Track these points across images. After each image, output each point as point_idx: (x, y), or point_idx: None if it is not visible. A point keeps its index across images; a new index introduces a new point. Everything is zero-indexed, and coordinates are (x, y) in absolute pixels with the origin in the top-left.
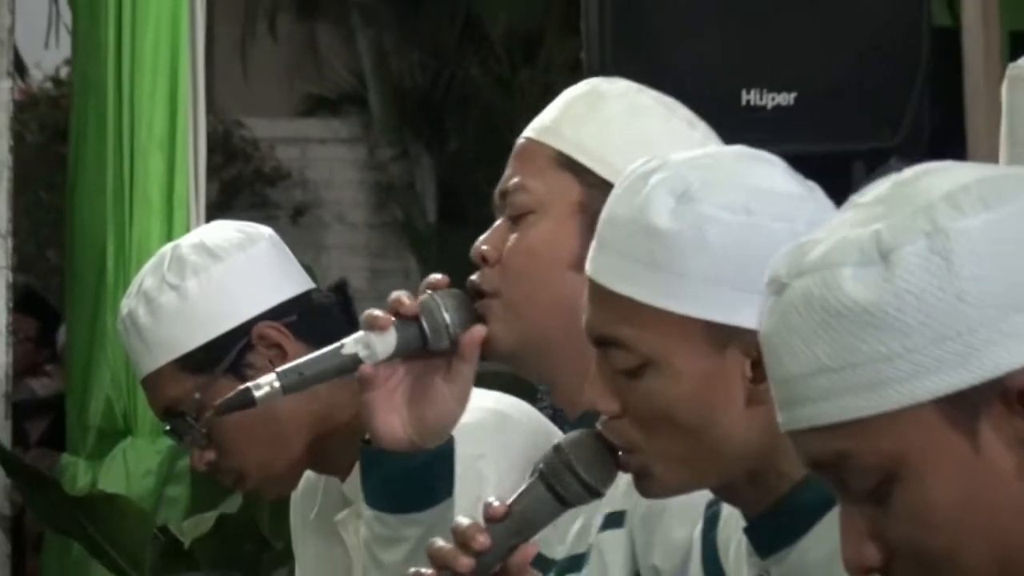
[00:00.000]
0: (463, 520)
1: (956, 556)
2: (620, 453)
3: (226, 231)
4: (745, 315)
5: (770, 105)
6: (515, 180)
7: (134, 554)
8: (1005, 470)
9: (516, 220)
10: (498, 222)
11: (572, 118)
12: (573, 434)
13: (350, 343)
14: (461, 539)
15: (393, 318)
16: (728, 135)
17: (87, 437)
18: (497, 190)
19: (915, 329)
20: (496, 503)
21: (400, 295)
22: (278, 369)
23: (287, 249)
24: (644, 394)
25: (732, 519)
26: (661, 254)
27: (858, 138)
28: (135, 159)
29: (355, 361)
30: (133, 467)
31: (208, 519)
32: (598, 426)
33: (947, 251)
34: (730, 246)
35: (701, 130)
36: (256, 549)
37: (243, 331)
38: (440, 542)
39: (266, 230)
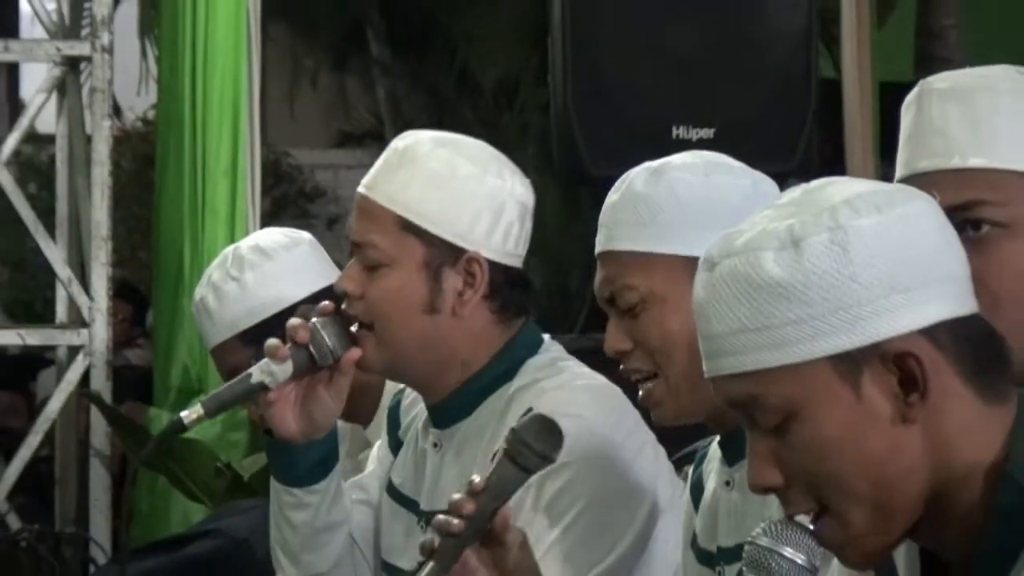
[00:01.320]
0: (455, 495)
1: (840, 480)
2: (640, 386)
3: (276, 235)
4: None
5: (695, 138)
6: (364, 237)
7: (206, 485)
8: (881, 415)
9: (371, 269)
10: (353, 262)
11: (400, 181)
12: (523, 418)
13: (256, 372)
14: (453, 509)
15: (289, 345)
16: None
17: (169, 395)
18: (350, 238)
19: (817, 301)
20: (476, 479)
21: (294, 325)
22: (203, 398)
23: (323, 250)
24: (645, 326)
25: (714, 456)
26: (644, 213)
27: (763, 163)
28: (206, 182)
29: (262, 386)
30: None
31: (263, 458)
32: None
33: (845, 243)
34: (695, 199)
35: (507, 178)
36: None
37: (289, 312)
38: (441, 516)
39: (307, 235)
